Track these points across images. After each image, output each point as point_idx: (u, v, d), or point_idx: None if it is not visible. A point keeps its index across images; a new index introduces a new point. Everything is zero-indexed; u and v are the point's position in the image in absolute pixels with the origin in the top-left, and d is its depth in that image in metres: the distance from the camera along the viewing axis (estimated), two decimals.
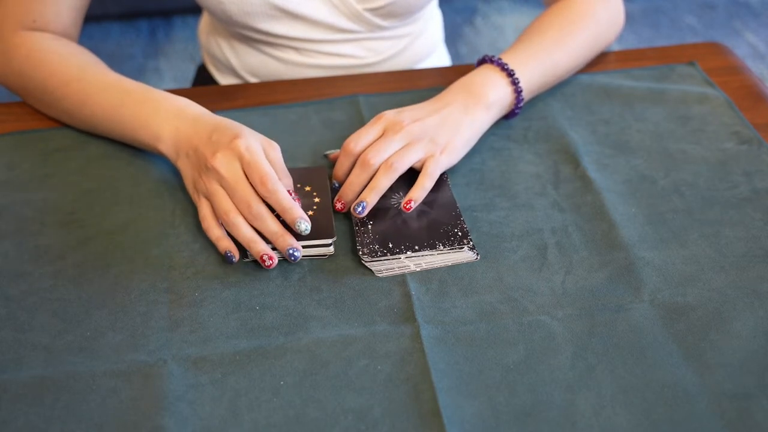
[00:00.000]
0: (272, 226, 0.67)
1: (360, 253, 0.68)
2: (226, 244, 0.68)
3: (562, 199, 0.76)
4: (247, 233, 0.67)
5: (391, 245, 0.69)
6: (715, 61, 0.95)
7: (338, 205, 0.73)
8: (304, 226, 0.67)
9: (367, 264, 0.68)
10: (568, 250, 0.70)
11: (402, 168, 0.72)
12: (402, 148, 0.74)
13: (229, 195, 0.68)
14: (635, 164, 0.80)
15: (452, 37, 2.40)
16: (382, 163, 0.72)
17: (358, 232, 0.70)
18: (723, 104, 0.88)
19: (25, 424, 0.57)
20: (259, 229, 0.68)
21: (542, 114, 0.87)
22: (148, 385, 0.59)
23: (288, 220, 0.67)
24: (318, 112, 0.83)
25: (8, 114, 0.89)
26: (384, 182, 0.71)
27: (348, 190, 0.73)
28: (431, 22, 1.09)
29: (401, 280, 0.68)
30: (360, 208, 0.71)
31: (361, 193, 0.73)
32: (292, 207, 0.67)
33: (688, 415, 0.57)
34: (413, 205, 0.71)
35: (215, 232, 0.69)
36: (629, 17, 2.48)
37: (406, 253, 0.68)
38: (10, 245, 0.71)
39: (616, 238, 0.71)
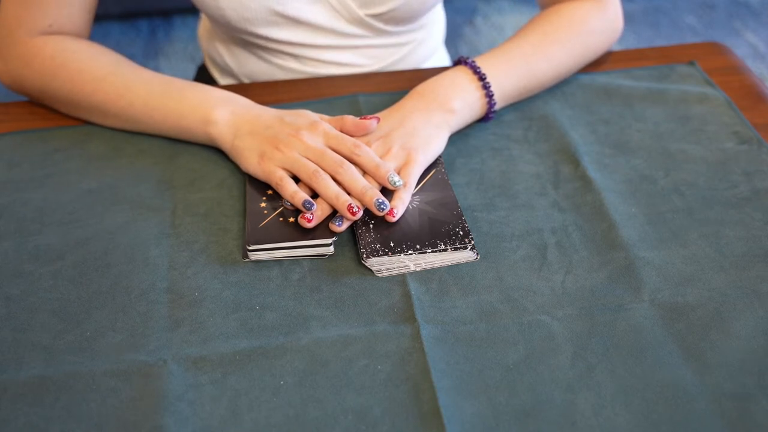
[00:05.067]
0: (363, 180, 0.72)
1: (361, 251, 0.68)
2: (304, 195, 0.71)
3: (562, 199, 0.76)
4: (334, 188, 0.71)
5: (392, 244, 0.69)
6: (715, 61, 0.95)
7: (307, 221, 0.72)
8: (397, 178, 0.72)
9: (367, 263, 0.68)
10: (568, 250, 0.70)
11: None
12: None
13: (316, 160, 0.73)
14: (635, 164, 0.80)
15: (452, 37, 2.40)
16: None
17: (359, 232, 0.70)
18: (723, 104, 0.88)
19: (25, 424, 0.57)
20: (350, 183, 0.71)
21: (542, 114, 0.87)
22: (148, 385, 0.59)
23: (381, 174, 0.72)
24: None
25: (8, 114, 0.89)
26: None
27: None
28: (435, 26, 1.08)
29: (401, 279, 0.68)
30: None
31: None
32: (382, 163, 0.73)
33: (688, 415, 0.57)
34: (397, 214, 0.71)
35: (292, 187, 0.72)
36: (629, 17, 2.48)
37: (407, 252, 0.68)
38: (10, 245, 0.71)
39: (616, 238, 0.71)
